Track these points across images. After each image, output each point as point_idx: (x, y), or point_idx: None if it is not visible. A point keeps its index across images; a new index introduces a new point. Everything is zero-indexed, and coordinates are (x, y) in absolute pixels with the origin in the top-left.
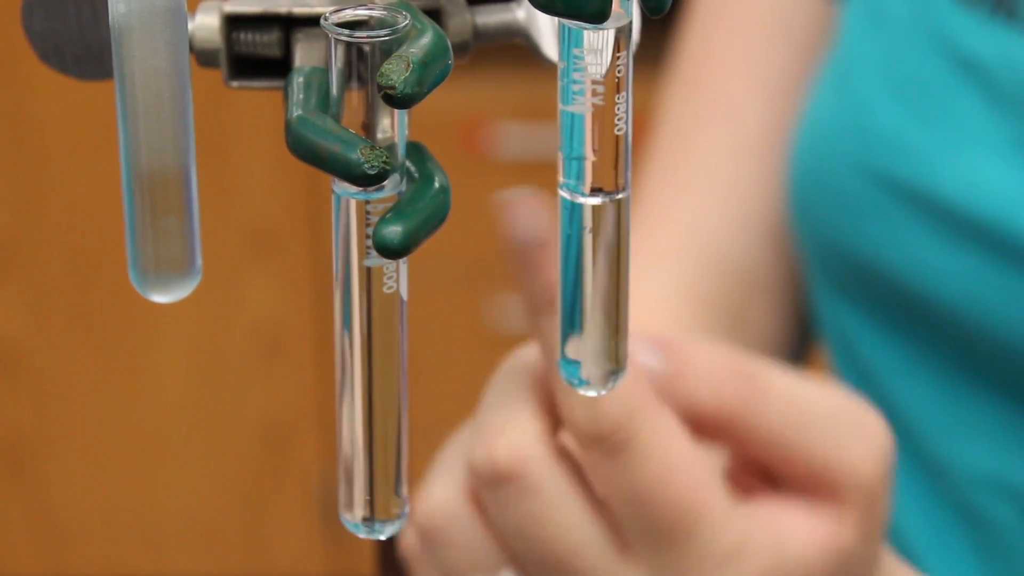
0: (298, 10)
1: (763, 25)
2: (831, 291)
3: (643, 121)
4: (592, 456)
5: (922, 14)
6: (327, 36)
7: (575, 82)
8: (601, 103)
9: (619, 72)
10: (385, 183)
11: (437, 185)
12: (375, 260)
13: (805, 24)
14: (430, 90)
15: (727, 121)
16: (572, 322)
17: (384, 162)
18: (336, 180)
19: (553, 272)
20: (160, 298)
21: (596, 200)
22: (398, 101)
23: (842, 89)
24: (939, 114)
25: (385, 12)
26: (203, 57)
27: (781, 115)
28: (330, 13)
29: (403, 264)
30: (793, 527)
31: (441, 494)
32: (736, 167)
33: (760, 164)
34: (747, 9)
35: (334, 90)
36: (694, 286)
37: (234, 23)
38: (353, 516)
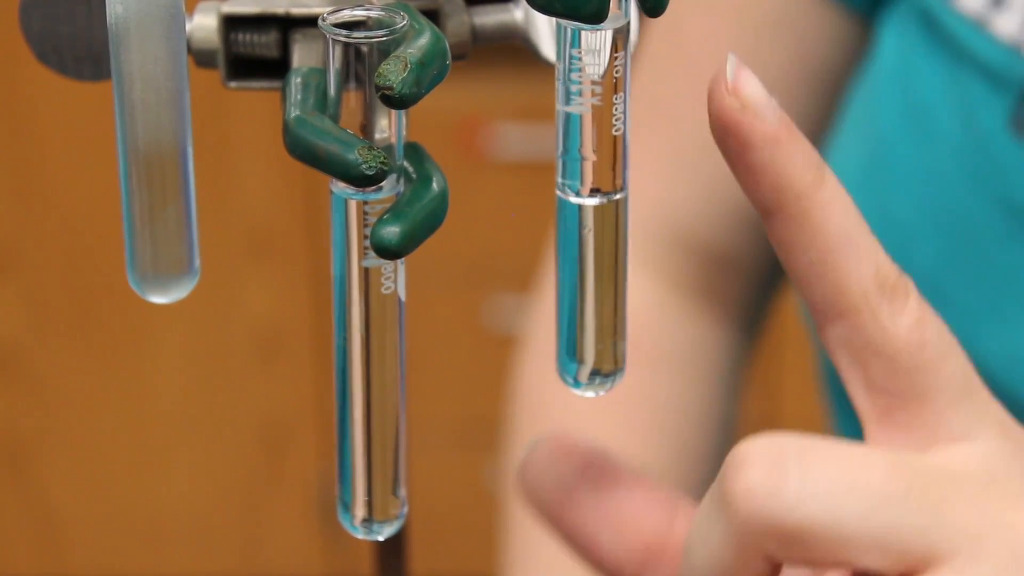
0: (296, 10)
1: (751, 16)
2: None
3: None
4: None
5: (976, 145)
6: (325, 37)
7: (573, 83)
8: (599, 103)
9: (617, 72)
10: (383, 184)
11: (435, 186)
12: (373, 261)
13: (797, 22)
14: (428, 91)
15: (704, 102)
16: (570, 323)
17: (382, 163)
18: (334, 181)
19: None
20: (158, 299)
21: (594, 201)
22: (396, 102)
23: (877, 190)
24: (985, 266)
25: (383, 13)
26: (201, 58)
27: None
28: (328, 14)
29: (401, 265)
30: None
31: None
32: (711, 148)
33: None
34: None
35: (332, 91)
36: (661, 261)
37: (232, 23)
38: (351, 517)
